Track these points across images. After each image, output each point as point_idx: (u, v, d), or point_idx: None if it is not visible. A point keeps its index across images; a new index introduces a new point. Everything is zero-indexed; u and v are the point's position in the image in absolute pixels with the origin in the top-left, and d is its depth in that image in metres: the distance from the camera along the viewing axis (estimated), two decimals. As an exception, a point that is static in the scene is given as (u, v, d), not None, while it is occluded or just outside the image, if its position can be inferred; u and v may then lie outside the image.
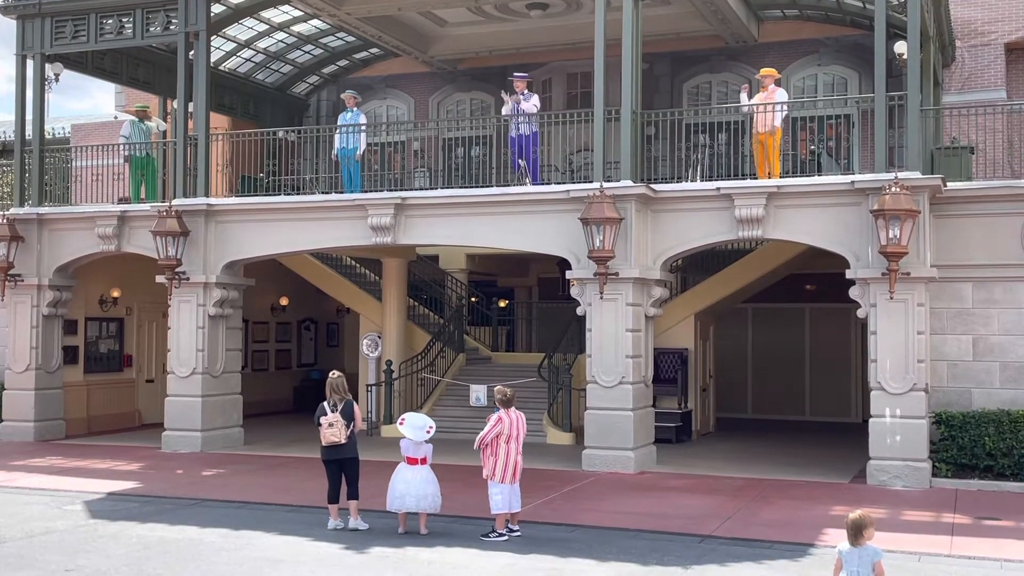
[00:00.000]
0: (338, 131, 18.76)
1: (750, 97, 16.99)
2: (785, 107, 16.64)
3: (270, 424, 22.56)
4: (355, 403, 11.93)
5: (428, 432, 11.68)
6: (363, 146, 18.80)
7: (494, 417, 11.37)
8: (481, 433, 11.42)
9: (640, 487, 14.81)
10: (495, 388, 11.90)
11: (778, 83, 16.87)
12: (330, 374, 12.11)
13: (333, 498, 11.91)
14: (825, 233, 15.57)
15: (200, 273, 18.55)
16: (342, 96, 19.50)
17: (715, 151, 20.19)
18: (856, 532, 7.15)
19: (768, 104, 16.30)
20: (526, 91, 17.70)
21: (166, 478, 15.62)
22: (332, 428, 11.63)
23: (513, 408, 11.46)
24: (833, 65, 21.80)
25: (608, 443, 16.08)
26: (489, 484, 11.35)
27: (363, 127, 18.85)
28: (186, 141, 18.89)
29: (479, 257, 24.16)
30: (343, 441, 11.65)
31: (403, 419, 11.87)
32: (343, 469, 11.84)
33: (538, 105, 17.81)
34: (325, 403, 11.84)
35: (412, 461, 11.67)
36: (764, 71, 16.94)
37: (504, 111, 17.99)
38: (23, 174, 20.38)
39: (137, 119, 20.09)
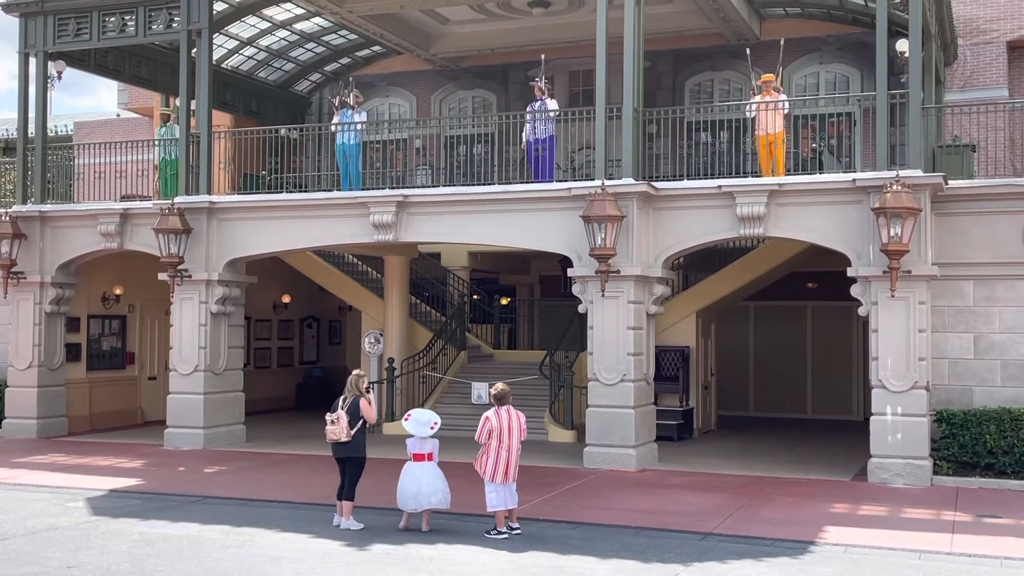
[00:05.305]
0: (340, 129, 18.76)
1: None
2: (786, 107, 16.62)
3: (272, 421, 22.60)
4: (363, 398, 11.81)
5: (432, 428, 11.71)
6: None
7: (483, 418, 11.38)
8: (476, 434, 11.45)
9: (641, 484, 14.83)
10: (493, 386, 11.91)
11: (776, 90, 16.84)
12: (352, 373, 12.22)
13: (340, 494, 11.93)
14: (826, 231, 15.57)
15: (202, 270, 18.58)
16: (346, 97, 19.23)
17: (716, 149, 20.20)
18: None
19: (770, 102, 16.29)
20: (545, 96, 17.71)
21: (168, 475, 15.65)
22: (334, 426, 11.64)
23: (508, 407, 11.41)
24: (835, 63, 21.76)
25: (609, 441, 16.09)
26: (485, 483, 11.38)
27: (360, 125, 18.82)
28: (188, 138, 18.94)
29: (481, 255, 24.19)
30: (344, 439, 11.65)
31: (409, 415, 11.92)
32: (345, 467, 11.88)
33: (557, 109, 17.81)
34: (339, 399, 11.90)
35: (419, 457, 11.68)
36: (764, 76, 16.89)
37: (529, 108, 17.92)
38: (26, 172, 20.42)
39: (164, 122, 20.19)
